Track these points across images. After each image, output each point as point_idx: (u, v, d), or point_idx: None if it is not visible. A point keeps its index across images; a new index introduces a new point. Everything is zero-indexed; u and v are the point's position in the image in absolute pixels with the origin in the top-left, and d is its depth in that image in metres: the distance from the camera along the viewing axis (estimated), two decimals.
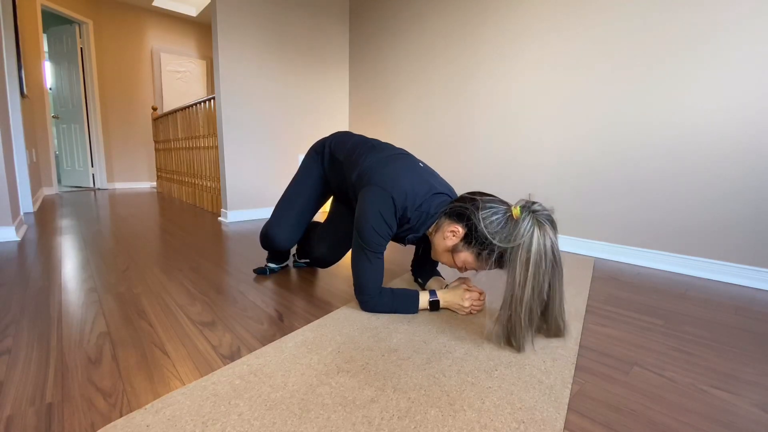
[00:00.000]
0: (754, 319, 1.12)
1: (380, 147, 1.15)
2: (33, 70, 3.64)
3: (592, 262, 1.72)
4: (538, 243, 0.80)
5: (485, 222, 0.88)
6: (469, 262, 0.95)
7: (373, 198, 0.98)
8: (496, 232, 0.87)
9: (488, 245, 0.87)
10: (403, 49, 2.71)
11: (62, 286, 1.24)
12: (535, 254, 0.80)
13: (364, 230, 0.98)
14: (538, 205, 0.85)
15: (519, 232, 0.82)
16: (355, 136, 1.25)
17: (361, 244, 0.99)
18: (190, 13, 5.15)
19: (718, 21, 1.43)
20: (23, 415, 0.63)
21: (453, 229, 0.94)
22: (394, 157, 1.09)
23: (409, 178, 1.02)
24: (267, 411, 0.64)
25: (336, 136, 1.29)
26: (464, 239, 0.93)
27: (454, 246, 0.96)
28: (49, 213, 2.78)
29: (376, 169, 1.04)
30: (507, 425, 0.62)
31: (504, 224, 0.87)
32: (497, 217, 0.88)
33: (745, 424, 0.66)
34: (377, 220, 0.97)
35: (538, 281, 0.81)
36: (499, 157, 2.19)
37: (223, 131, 2.48)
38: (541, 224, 0.81)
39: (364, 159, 1.11)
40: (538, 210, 0.84)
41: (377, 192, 0.99)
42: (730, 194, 1.45)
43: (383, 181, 1.00)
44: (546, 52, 1.94)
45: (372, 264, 1.00)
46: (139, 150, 5.09)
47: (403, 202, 0.98)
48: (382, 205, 0.97)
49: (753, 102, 1.38)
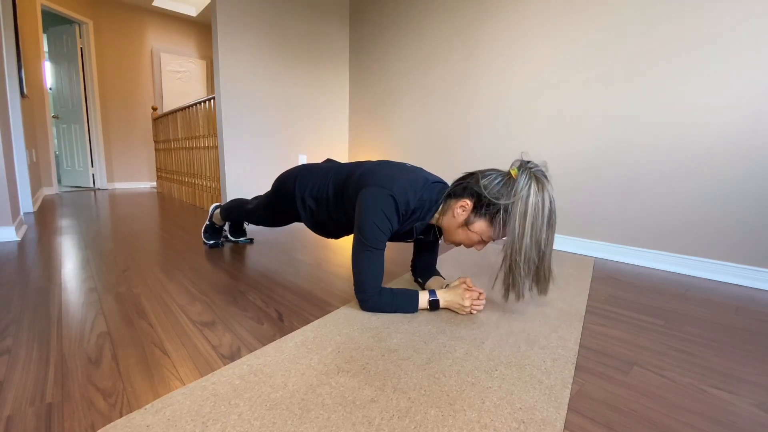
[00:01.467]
0: (754, 319, 1.12)
1: (359, 163, 1.19)
2: (33, 70, 3.64)
3: (592, 262, 1.72)
4: (535, 195, 0.87)
5: (488, 187, 0.95)
6: (484, 231, 0.98)
7: (372, 196, 1.00)
8: (499, 192, 0.93)
9: (496, 207, 0.93)
10: (404, 50, 2.71)
11: (62, 286, 1.24)
12: (532, 205, 0.87)
13: (364, 225, 0.99)
14: (532, 162, 0.92)
15: (518, 187, 0.89)
16: (319, 166, 1.26)
17: (362, 239, 1.00)
18: (190, 13, 5.15)
19: (718, 22, 1.43)
20: (23, 415, 0.63)
21: (462, 204, 0.99)
22: (381, 163, 1.12)
23: (403, 174, 1.05)
24: (267, 411, 0.64)
25: (301, 176, 1.25)
26: (474, 210, 0.98)
27: (466, 219, 0.99)
28: (49, 213, 2.78)
29: (370, 173, 1.06)
30: (507, 425, 0.62)
31: (504, 185, 0.93)
32: (498, 180, 0.95)
33: (745, 424, 0.66)
34: (378, 215, 0.98)
35: (535, 231, 0.87)
36: (500, 158, 2.19)
37: (223, 131, 2.48)
38: (538, 179, 0.88)
39: (353, 174, 1.12)
40: (533, 167, 0.91)
41: (376, 191, 1.00)
42: (730, 194, 1.45)
43: (380, 182, 1.02)
44: (546, 53, 1.94)
45: (372, 260, 1.01)
46: (139, 150, 5.09)
47: (404, 196, 1.00)
48: (383, 202, 0.99)
49: (753, 102, 1.38)
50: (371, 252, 1.00)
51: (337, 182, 1.17)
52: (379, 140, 2.99)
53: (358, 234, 1.01)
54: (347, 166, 1.19)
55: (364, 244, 1.00)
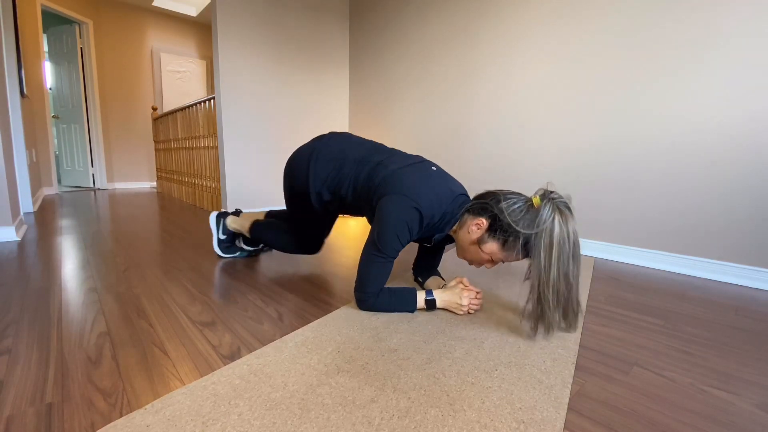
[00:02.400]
0: (754, 319, 1.12)
1: (389, 151, 1.14)
2: (33, 70, 3.64)
3: (592, 262, 1.72)
4: (560, 227, 0.85)
5: (508, 211, 0.93)
6: (495, 252, 0.98)
7: (398, 206, 0.98)
8: (519, 219, 0.92)
9: (512, 233, 0.92)
10: (404, 49, 2.71)
11: (62, 286, 1.24)
12: (558, 238, 0.84)
13: (385, 234, 0.98)
14: (555, 193, 0.90)
15: (541, 219, 0.87)
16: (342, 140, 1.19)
17: (378, 246, 0.99)
18: (190, 13, 5.15)
19: (717, 22, 1.43)
20: (23, 415, 0.63)
21: (477, 222, 0.98)
22: (412, 167, 1.07)
23: (431, 185, 1.03)
24: (267, 411, 0.64)
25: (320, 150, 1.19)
26: (489, 230, 0.97)
27: (479, 238, 0.99)
28: (49, 213, 2.78)
29: (394, 180, 1.03)
30: (507, 425, 0.62)
31: (525, 212, 0.92)
32: (519, 206, 0.93)
33: (745, 424, 0.66)
34: (401, 227, 0.98)
35: (563, 263, 0.85)
36: (500, 157, 2.19)
37: (223, 131, 2.48)
38: (561, 210, 0.87)
39: (382, 167, 1.08)
40: (557, 198, 0.89)
41: (402, 201, 0.98)
42: (730, 194, 1.45)
43: (407, 191, 0.99)
44: (547, 53, 1.94)
45: (383, 267, 1.01)
46: (139, 150, 5.09)
47: (430, 210, 1.00)
48: (408, 214, 0.98)
49: (753, 102, 1.38)
50: (384, 259, 1.00)
51: (357, 181, 1.11)
52: (379, 140, 2.99)
53: (375, 239, 1.00)
54: (366, 159, 1.13)
55: (379, 250, 0.99)
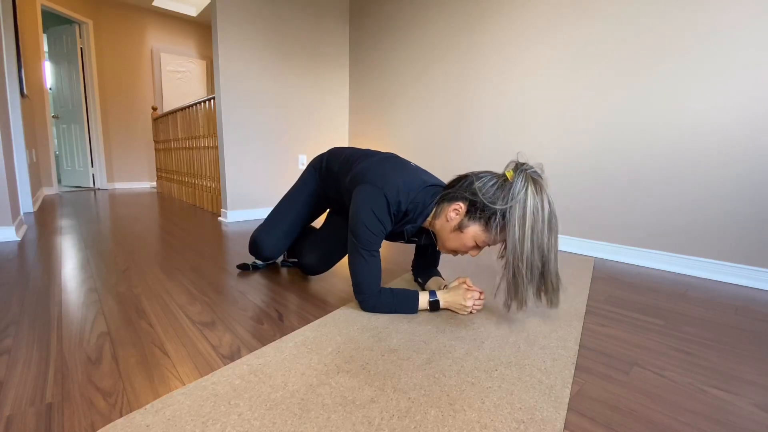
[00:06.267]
0: (754, 319, 1.12)
1: (372, 153, 1.19)
2: (33, 70, 3.63)
3: (592, 262, 1.72)
4: (533, 197, 0.84)
5: (482, 190, 0.91)
6: (478, 235, 0.95)
7: (364, 196, 0.99)
8: (494, 195, 0.90)
9: (491, 211, 0.90)
10: (404, 50, 2.71)
11: (62, 286, 1.24)
12: (531, 208, 0.84)
13: (357, 229, 0.99)
14: (527, 164, 0.89)
15: (515, 190, 0.86)
16: (348, 148, 1.29)
17: (356, 243, 1.00)
18: (190, 13, 5.15)
19: (718, 22, 1.43)
20: (23, 415, 0.63)
21: (455, 208, 0.96)
22: (384, 159, 1.12)
23: (399, 173, 1.04)
24: (267, 411, 0.64)
25: (332, 150, 1.32)
26: (467, 214, 0.95)
27: (459, 223, 0.96)
28: (49, 213, 2.78)
29: (368, 169, 1.07)
30: (507, 425, 0.62)
31: (500, 188, 0.90)
32: (492, 182, 0.92)
33: (745, 424, 0.66)
34: (370, 218, 0.98)
35: (536, 234, 0.84)
36: (500, 157, 2.19)
37: (223, 131, 2.48)
38: (534, 180, 0.86)
39: (357, 164, 1.14)
40: (529, 168, 0.88)
41: (369, 189, 1.00)
42: (730, 194, 1.45)
43: (374, 179, 1.02)
44: (547, 53, 1.94)
45: (368, 263, 1.00)
46: (139, 150, 5.09)
47: (396, 197, 0.99)
48: (374, 203, 0.98)
49: (753, 102, 1.38)
50: (366, 255, 1.00)
51: (341, 179, 1.18)
52: (379, 140, 2.99)
53: (353, 237, 1.01)
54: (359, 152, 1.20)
55: (357, 247, 1.00)
